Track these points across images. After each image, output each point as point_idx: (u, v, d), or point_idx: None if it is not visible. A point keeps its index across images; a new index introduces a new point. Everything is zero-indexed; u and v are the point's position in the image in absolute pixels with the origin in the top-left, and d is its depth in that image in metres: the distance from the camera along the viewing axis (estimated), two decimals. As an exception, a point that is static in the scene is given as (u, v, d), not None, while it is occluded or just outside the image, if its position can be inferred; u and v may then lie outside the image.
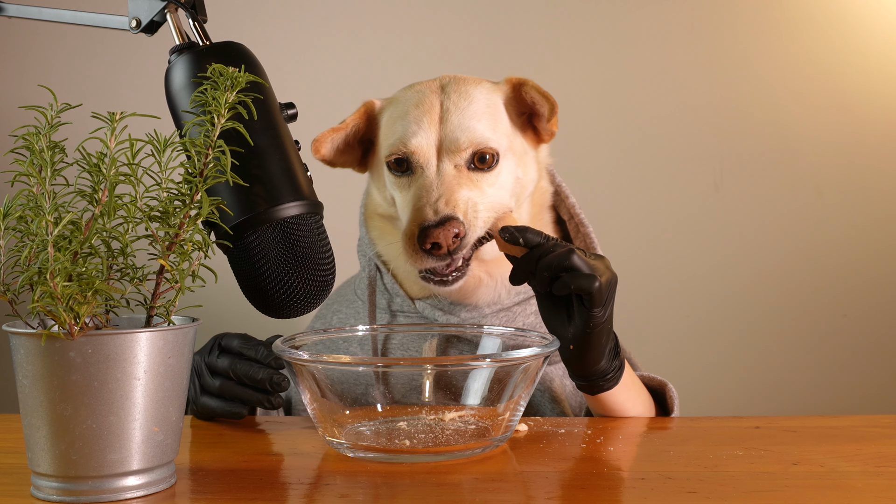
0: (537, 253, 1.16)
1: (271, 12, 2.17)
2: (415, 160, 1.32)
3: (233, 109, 0.96)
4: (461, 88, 1.35)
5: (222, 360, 1.25)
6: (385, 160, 1.35)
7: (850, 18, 2.15)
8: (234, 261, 1.02)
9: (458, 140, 1.31)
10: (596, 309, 1.15)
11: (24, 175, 0.93)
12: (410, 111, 1.35)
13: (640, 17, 2.17)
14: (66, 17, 1.11)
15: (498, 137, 1.34)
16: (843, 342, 2.18)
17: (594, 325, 1.16)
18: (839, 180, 2.17)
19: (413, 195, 1.31)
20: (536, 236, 1.18)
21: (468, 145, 1.32)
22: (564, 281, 1.14)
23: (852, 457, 1.09)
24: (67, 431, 0.90)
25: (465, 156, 1.32)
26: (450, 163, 1.32)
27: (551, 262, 1.14)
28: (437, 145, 1.32)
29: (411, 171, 1.33)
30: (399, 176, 1.34)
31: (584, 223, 1.46)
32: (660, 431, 1.24)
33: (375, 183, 1.43)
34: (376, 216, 1.46)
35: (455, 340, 1.34)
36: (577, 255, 1.14)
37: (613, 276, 1.18)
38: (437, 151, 1.32)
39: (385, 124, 1.39)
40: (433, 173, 1.31)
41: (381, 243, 1.45)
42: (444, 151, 1.32)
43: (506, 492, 0.97)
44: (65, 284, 0.87)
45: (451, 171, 1.31)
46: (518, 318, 1.40)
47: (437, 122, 1.33)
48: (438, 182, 1.30)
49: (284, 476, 1.04)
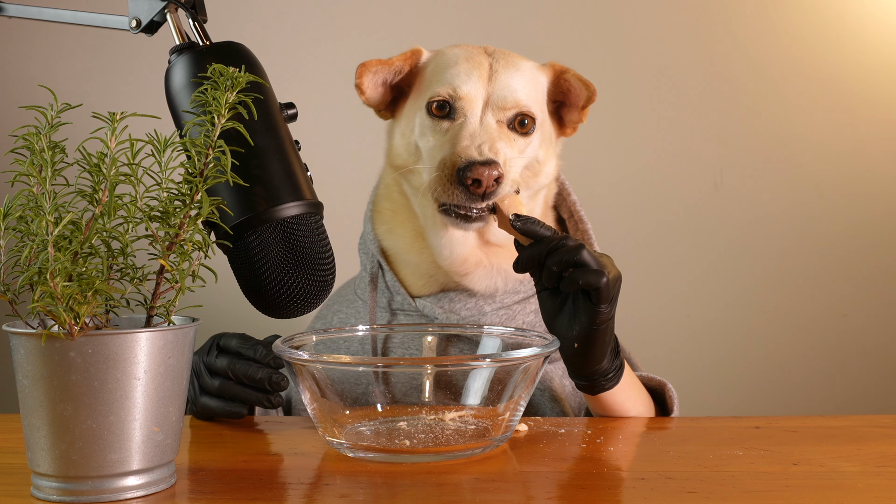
0: (546, 246, 1.16)
1: (271, 12, 2.17)
2: (460, 106, 1.35)
3: (233, 109, 0.96)
4: (508, 57, 1.40)
5: (221, 360, 1.25)
6: (428, 101, 1.37)
7: (850, 18, 2.15)
8: (234, 261, 1.02)
9: (505, 98, 1.35)
10: (603, 305, 1.15)
11: (24, 175, 0.93)
12: (461, 62, 1.38)
13: (641, 16, 2.17)
14: (66, 17, 1.11)
15: (537, 110, 1.38)
16: (843, 342, 2.18)
17: (600, 322, 1.16)
18: (839, 180, 2.17)
19: (452, 137, 1.33)
20: (547, 230, 1.18)
21: (514, 105, 1.35)
22: (573, 276, 1.14)
23: (852, 457, 1.09)
24: (67, 431, 0.90)
25: (509, 114, 1.36)
26: (492, 117, 1.35)
27: (561, 258, 1.14)
28: (484, 98, 1.36)
29: (452, 116, 1.35)
30: (438, 119, 1.36)
31: (583, 220, 1.47)
32: (660, 431, 1.24)
33: (401, 130, 1.43)
34: (386, 204, 1.46)
35: (455, 339, 1.34)
36: (586, 251, 1.14)
37: (619, 273, 1.18)
38: (483, 104, 1.35)
39: (431, 71, 1.41)
40: (477, 122, 1.34)
41: (388, 236, 1.44)
42: (490, 105, 1.35)
43: (506, 492, 0.97)
44: (65, 284, 0.87)
45: (493, 124, 1.35)
46: (518, 317, 1.40)
47: (486, 79, 1.36)
48: (482, 130, 1.33)
49: (284, 476, 1.04)
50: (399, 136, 1.43)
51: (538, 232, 1.17)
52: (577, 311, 1.17)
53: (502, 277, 1.41)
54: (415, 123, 1.39)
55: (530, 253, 1.17)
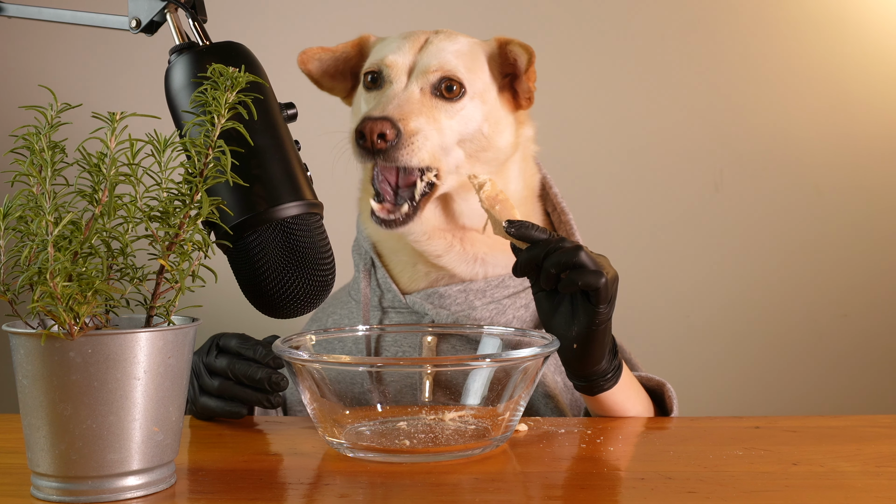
0: (543, 249, 1.16)
1: (271, 12, 2.17)
2: (386, 74, 1.38)
3: (233, 109, 0.96)
4: (450, 33, 1.43)
5: (220, 360, 1.25)
6: (362, 76, 1.41)
7: (850, 18, 2.15)
8: (234, 261, 1.02)
9: (429, 64, 1.37)
10: (602, 306, 1.15)
11: (24, 175, 0.93)
12: (397, 40, 1.42)
13: (640, 16, 2.17)
14: (66, 17, 1.11)
15: (470, 77, 1.39)
16: (843, 342, 2.18)
17: (599, 322, 1.16)
18: (839, 180, 2.17)
19: (375, 103, 1.36)
20: (542, 233, 1.17)
21: (437, 69, 1.37)
22: (571, 278, 1.14)
23: (852, 457, 1.08)
24: (67, 431, 0.90)
25: (432, 78, 1.37)
26: (416, 84, 1.37)
27: (559, 260, 1.14)
28: (410, 66, 1.38)
29: (381, 84, 1.39)
30: (370, 90, 1.40)
31: (565, 212, 1.47)
32: (660, 431, 1.24)
33: (354, 109, 1.48)
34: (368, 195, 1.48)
35: (448, 337, 1.35)
36: (584, 252, 1.14)
37: (616, 273, 1.18)
38: (408, 71, 1.38)
39: (373, 52, 1.45)
40: (400, 88, 1.37)
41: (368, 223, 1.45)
42: (415, 73, 1.38)
43: (506, 492, 0.97)
44: (65, 284, 0.87)
45: (416, 91, 1.36)
46: (508, 311, 1.40)
47: (417, 50, 1.40)
48: (403, 96, 1.35)
49: (284, 476, 1.04)
50: (353, 116, 1.47)
51: (533, 235, 1.17)
52: (575, 311, 1.17)
53: (481, 265, 1.42)
54: (361, 102, 1.43)
55: (528, 257, 1.17)
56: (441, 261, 1.41)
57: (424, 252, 1.40)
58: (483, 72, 1.41)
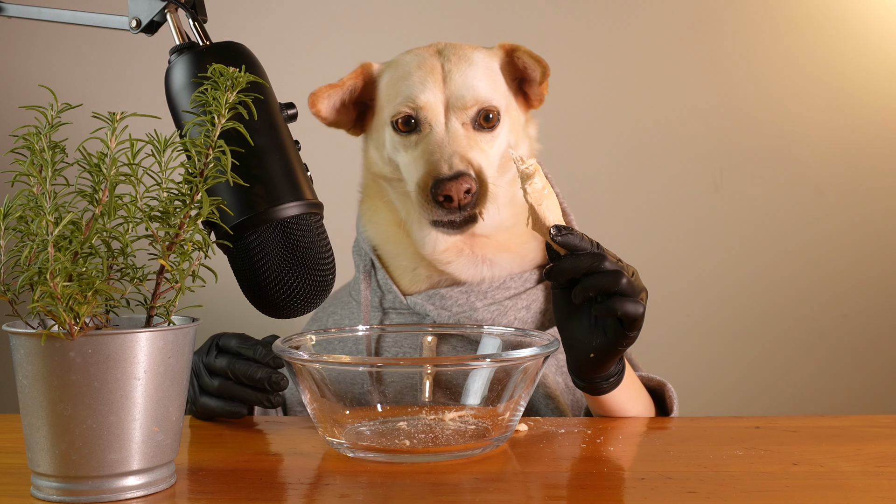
0: (585, 266, 1.11)
1: (271, 12, 2.17)
2: (423, 117, 1.36)
3: (233, 109, 0.96)
4: (459, 52, 1.40)
5: (220, 360, 1.25)
6: (391, 119, 1.38)
7: (850, 18, 2.15)
8: (234, 261, 1.02)
9: (464, 98, 1.36)
10: (634, 332, 1.13)
11: (24, 175, 0.93)
12: (413, 72, 1.38)
13: (640, 16, 2.17)
14: (66, 17, 1.11)
15: (498, 98, 1.39)
16: (843, 342, 2.18)
17: (627, 344, 1.14)
18: (839, 180, 2.17)
19: (423, 151, 1.34)
20: (587, 243, 1.13)
21: (474, 103, 1.36)
22: (611, 305, 1.10)
23: (852, 457, 1.08)
24: (67, 431, 0.90)
25: (471, 113, 1.36)
26: (457, 121, 1.35)
27: (600, 284, 1.10)
28: (444, 104, 1.36)
29: (419, 129, 1.36)
30: (406, 135, 1.37)
31: (567, 213, 1.48)
32: (660, 431, 1.24)
33: (374, 144, 1.45)
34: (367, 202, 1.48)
35: (449, 337, 1.35)
36: (625, 279, 1.10)
37: (646, 289, 1.15)
38: (444, 109, 1.36)
39: (386, 85, 1.42)
40: (442, 130, 1.35)
41: (370, 227, 1.46)
42: (451, 109, 1.36)
43: (506, 492, 0.97)
44: (65, 284, 0.87)
45: (459, 129, 1.35)
46: (510, 312, 1.40)
47: (441, 83, 1.37)
48: (449, 139, 1.34)
49: (284, 476, 1.04)
50: (373, 149, 1.45)
51: (579, 245, 1.12)
52: (601, 324, 1.14)
53: (488, 267, 1.41)
54: (385, 139, 1.40)
55: (565, 267, 1.12)
56: (450, 267, 1.40)
57: (435, 261, 1.40)
58: (503, 86, 1.41)
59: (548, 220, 1.12)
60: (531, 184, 1.12)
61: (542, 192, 1.12)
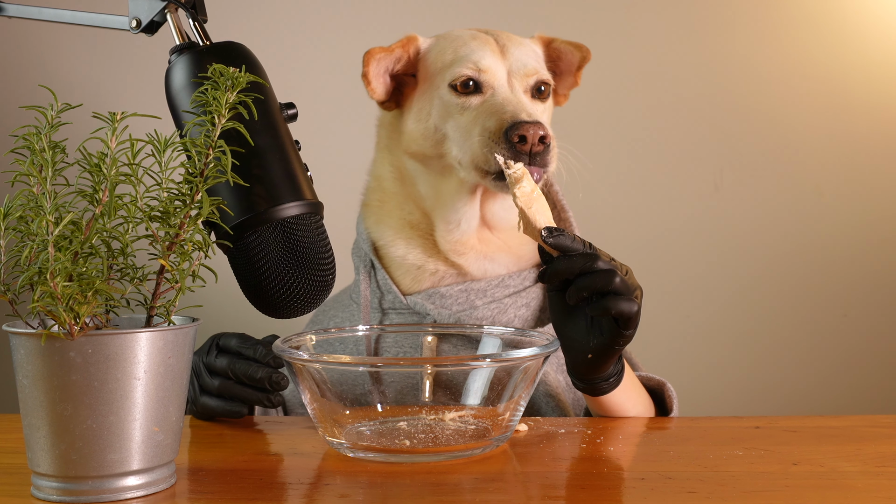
0: (577, 266, 1.11)
1: (271, 12, 2.17)
2: (485, 80, 1.37)
3: (233, 109, 0.96)
4: (507, 34, 1.44)
5: (220, 359, 1.25)
6: (450, 82, 1.38)
7: (849, 18, 2.15)
8: (234, 261, 1.02)
9: (525, 65, 1.39)
10: (630, 330, 1.14)
11: (24, 175, 0.93)
12: (469, 41, 1.41)
13: (640, 16, 2.17)
14: (66, 17, 1.11)
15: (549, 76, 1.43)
16: (843, 342, 2.18)
17: (623, 343, 1.14)
18: (839, 180, 2.17)
19: (489, 107, 1.35)
20: (578, 244, 1.13)
21: (534, 72, 1.40)
22: (605, 304, 1.11)
23: (852, 457, 1.09)
24: (67, 431, 0.90)
25: (531, 81, 1.40)
26: (519, 88, 1.38)
27: (593, 284, 1.11)
28: (506, 69, 1.39)
29: (481, 90, 1.37)
30: (466, 96, 1.37)
31: (565, 209, 1.48)
32: (660, 431, 1.24)
33: (414, 116, 1.43)
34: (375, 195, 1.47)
35: (449, 336, 1.35)
36: (619, 277, 1.11)
37: (641, 288, 1.16)
38: (506, 75, 1.39)
39: (439, 53, 1.42)
40: (507, 92, 1.37)
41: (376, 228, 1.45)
42: (513, 75, 1.38)
43: (506, 492, 0.97)
44: (65, 284, 0.87)
45: (522, 93, 1.38)
46: (509, 310, 1.40)
47: (500, 53, 1.40)
48: (515, 99, 1.35)
49: (284, 476, 1.04)
50: (413, 123, 1.42)
51: (570, 246, 1.12)
52: (597, 325, 1.14)
53: (490, 262, 1.42)
54: (432, 107, 1.40)
55: (558, 269, 1.12)
56: (461, 259, 1.41)
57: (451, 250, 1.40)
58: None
59: (538, 223, 1.12)
60: (520, 188, 1.13)
61: (532, 195, 1.12)
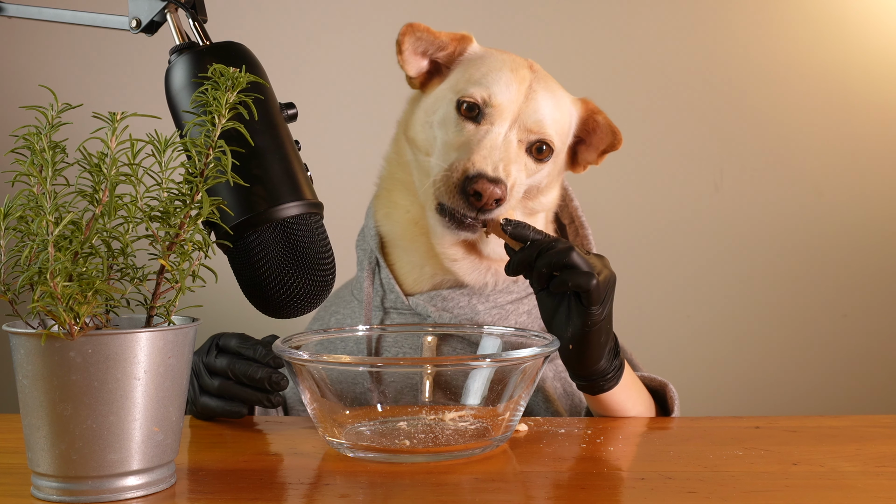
0: (536, 248, 1.17)
1: (271, 12, 2.17)
2: (490, 113, 1.34)
3: (233, 110, 0.96)
4: (548, 81, 1.39)
5: (220, 359, 1.25)
6: (459, 98, 1.35)
7: (850, 18, 2.15)
8: (235, 261, 1.02)
9: (535, 121, 1.34)
10: (594, 307, 1.15)
11: (24, 175, 0.93)
12: (505, 70, 1.36)
13: (640, 16, 2.17)
14: (66, 17, 1.11)
15: (559, 142, 1.38)
16: (843, 342, 2.18)
17: (592, 324, 1.16)
18: (839, 180, 2.17)
19: (475, 142, 1.31)
20: (537, 233, 1.18)
21: (538, 131, 1.35)
22: (562, 278, 1.15)
23: (852, 457, 1.09)
24: (67, 431, 0.90)
25: (532, 138, 1.35)
26: (516, 135, 1.34)
27: (550, 259, 1.15)
28: (515, 114, 1.34)
29: (479, 121, 1.34)
30: (465, 119, 1.35)
31: (584, 225, 1.47)
32: (660, 431, 1.24)
33: (426, 107, 1.41)
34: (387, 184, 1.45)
35: (449, 338, 1.35)
36: (576, 253, 1.15)
37: (612, 274, 1.18)
38: (512, 119, 1.34)
39: (472, 63, 1.39)
40: (501, 136, 1.33)
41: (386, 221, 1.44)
42: (518, 123, 1.34)
43: (506, 492, 0.97)
44: (65, 284, 0.87)
45: (514, 142, 1.34)
46: (511, 317, 1.40)
47: (524, 95, 1.35)
48: (503, 147, 1.32)
49: (284, 476, 1.04)
50: (422, 111, 1.41)
51: (528, 235, 1.18)
52: (570, 312, 1.17)
53: (493, 274, 1.41)
54: (439, 108, 1.38)
55: (521, 256, 1.18)
56: (455, 265, 1.40)
57: (442, 254, 1.39)
58: (568, 137, 1.41)
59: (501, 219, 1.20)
60: None
61: None
